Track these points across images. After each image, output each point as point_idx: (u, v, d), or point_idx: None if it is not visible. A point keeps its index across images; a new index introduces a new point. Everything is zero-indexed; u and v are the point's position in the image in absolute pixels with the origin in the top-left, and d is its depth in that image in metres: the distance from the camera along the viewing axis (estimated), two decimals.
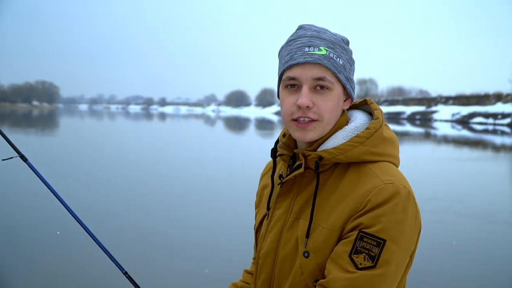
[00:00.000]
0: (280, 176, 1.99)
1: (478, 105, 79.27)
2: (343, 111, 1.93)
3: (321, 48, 1.74)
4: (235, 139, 41.57)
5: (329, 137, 1.85)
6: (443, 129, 58.24)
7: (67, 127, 57.31)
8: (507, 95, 77.47)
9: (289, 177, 1.88)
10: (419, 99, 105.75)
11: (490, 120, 69.07)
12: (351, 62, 1.85)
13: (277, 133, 45.33)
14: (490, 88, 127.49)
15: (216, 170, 18.47)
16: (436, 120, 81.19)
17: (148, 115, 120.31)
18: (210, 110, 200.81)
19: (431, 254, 8.65)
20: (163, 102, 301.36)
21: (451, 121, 77.49)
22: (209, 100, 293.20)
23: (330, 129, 1.84)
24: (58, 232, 9.05)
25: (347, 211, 1.73)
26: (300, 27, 1.84)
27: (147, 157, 23.06)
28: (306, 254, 1.79)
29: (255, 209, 2.23)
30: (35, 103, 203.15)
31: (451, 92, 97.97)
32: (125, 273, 2.54)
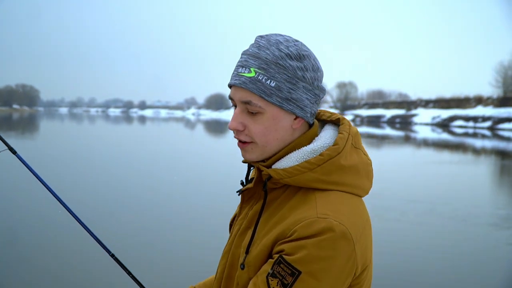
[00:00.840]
0: (242, 184, 1.97)
1: (459, 108, 79.95)
2: (310, 126, 1.84)
3: (251, 69, 1.69)
4: (215, 142, 41.45)
5: (285, 154, 1.78)
6: (423, 132, 58.65)
7: (48, 130, 57.05)
8: (488, 98, 78.16)
9: (243, 188, 1.89)
10: (399, 102, 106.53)
11: (471, 124, 69.66)
12: (294, 80, 1.70)
13: None
14: (470, 91, 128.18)
15: (196, 170, 18.37)
16: (416, 124, 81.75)
17: (128, 118, 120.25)
18: (190, 113, 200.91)
19: (416, 255, 8.64)
20: (143, 105, 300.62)
21: (431, 124, 78.02)
22: (189, 103, 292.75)
23: (274, 150, 1.78)
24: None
25: (277, 234, 1.67)
26: (255, 40, 1.77)
27: (130, 156, 23.00)
28: (242, 266, 1.75)
29: None
30: (15, 106, 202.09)
31: (431, 95, 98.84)
32: (112, 255, 2.52)
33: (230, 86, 1.77)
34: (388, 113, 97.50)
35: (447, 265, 8.33)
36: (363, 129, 66.49)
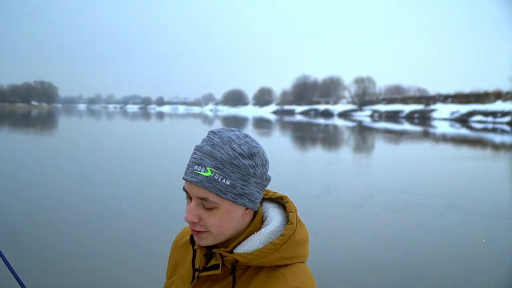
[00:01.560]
0: (197, 270, 2.04)
1: (478, 103, 79.34)
2: (255, 212, 1.99)
3: (208, 168, 1.81)
4: None
5: (244, 239, 1.93)
6: (442, 127, 58.32)
7: (67, 127, 57.42)
8: (507, 93, 77.51)
9: (205, 273, 1.96)
10: (418, 97, 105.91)
11: (490, 119, 69.14)
12: (246, 177, 1.86)
13: (274, 133, 45.27)
14: (489, 86, 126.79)
15: None
16: (435, 119, 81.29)
17: (146, 115, 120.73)
18: (208, 109, 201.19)
19: (438, 249, 8.60)
20: (160, 102, 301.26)
21: (450, 119, 77.56)
22: (207, 99, 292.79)
23: (226, 237, 1.92)
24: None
25: None
26: (208, 136, 1.90)
27: (145, 152, 22.99)
28: None
29: (166, 279, 2.25)
30: (34, 103, 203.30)
31: (450, 90, 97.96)
32: None
33: (185, 179, 1.87)
34: (407, 108, 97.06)
35: (469, 258, 8.27)
36: (381, 125, 66.27)
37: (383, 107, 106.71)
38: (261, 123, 68.76)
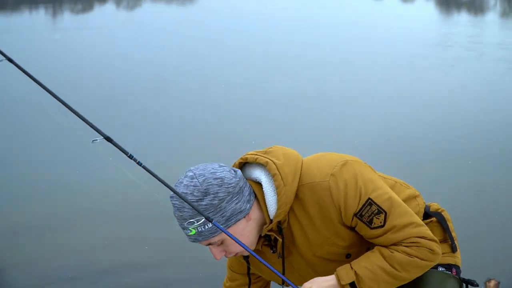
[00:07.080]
0: (276, 253, 2.20)
1: None
2: (255, 197, 2.11)
3: (190, 229, 1.98)
4: None
5: (264, 208, 2.09)
6: None
7: None
8: None
9: (279, 249, 2.17)
10: None
11: None
12: (217, 208, 1.98)
13: None
14: None
15: None
16: None
17: None
18: None
19: None
20: None
21: None
22: None
23: (253, 239, 2.11)
24: None
25: (328, 222, 2.07)
26: (171, 203, 2.04)
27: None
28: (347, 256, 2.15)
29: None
30: None
31: None
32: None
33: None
34: None
35: None
36: None
37: None
38: None
